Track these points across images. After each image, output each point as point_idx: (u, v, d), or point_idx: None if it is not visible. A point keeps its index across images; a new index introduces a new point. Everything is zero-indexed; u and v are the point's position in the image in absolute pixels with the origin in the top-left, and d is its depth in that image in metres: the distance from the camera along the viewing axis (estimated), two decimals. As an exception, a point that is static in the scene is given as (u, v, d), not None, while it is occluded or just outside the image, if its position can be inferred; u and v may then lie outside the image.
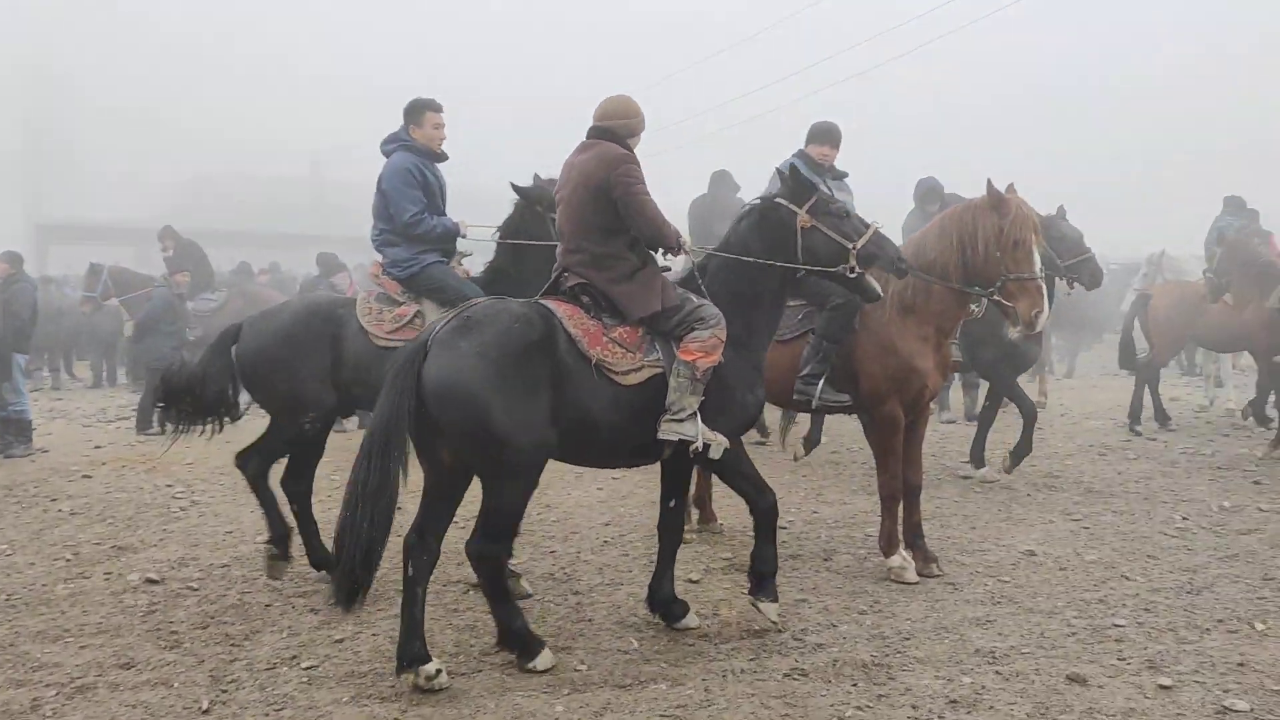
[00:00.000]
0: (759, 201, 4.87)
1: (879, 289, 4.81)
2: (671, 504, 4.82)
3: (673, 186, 7.74)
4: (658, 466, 6.83)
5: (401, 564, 4.19)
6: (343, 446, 6.39)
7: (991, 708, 3.81)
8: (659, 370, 4.32)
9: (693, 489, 6.41)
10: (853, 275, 4.64)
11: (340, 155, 44.41)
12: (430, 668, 3.98)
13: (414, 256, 5.56)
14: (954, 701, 3.86)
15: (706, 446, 4.30)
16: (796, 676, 4.11)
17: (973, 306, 5.74)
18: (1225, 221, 11.25)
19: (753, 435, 10.07)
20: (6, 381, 9.62)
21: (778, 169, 4.90)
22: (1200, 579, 5.37)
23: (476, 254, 6.03)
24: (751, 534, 6.30)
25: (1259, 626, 4.61)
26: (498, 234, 5.78)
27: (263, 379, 5.33)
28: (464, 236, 5.74)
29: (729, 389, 4.46)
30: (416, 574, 4.14)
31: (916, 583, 5.35)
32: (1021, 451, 7.66)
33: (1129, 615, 4.80)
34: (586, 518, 6.85)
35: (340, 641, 4.53)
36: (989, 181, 5.28)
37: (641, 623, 4.76)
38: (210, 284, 13.89)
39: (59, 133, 45.28)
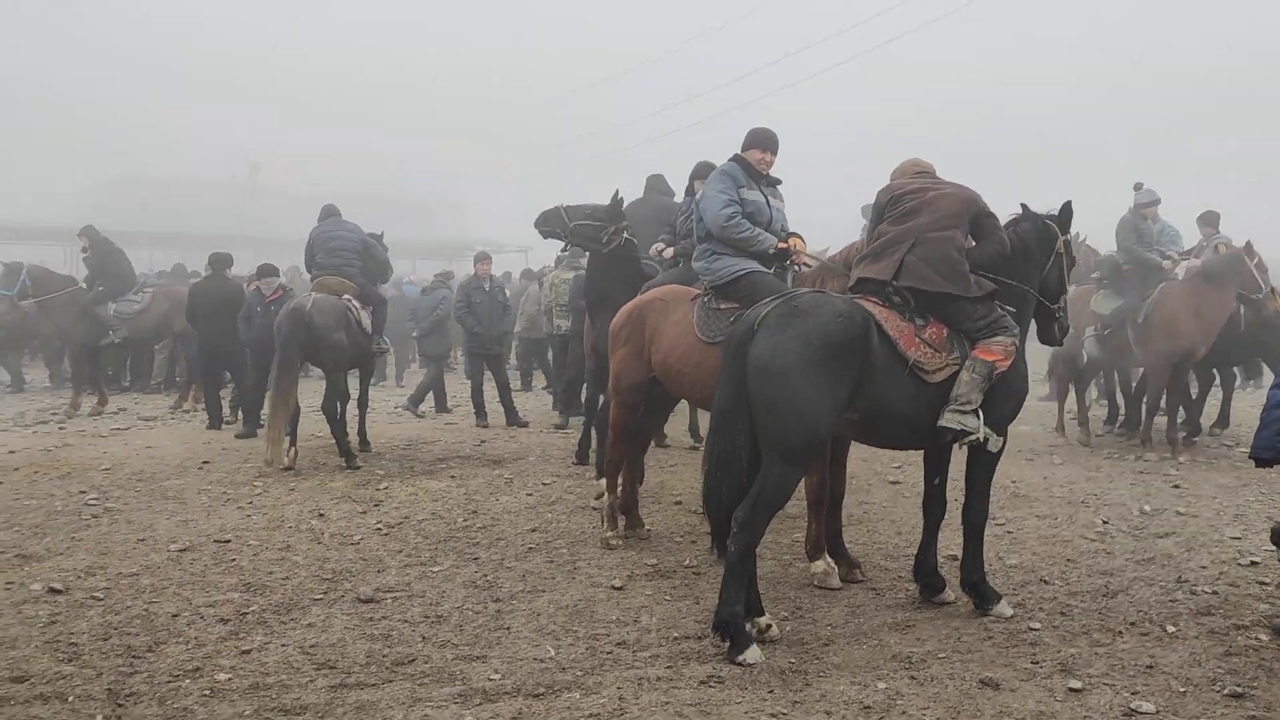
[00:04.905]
0: (1039, 213, 5.24)
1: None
2: (936, 482, 5.18)
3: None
4: (580, 471, 6.70)
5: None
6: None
7: (904, 713, 3.80)
8: (957, 367, 4.70)
9: (620, 495, 6.40)
10: (1058, 314, 5.24)
11: (278, 159, 44.01)
12: (763, 620, 4.59)
13: None
14: (867, 707, 3.85)
15: (985, 439, 4.72)
16: (713, 684, 4.06)
17: None
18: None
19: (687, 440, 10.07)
20: None
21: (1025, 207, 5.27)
22: (1116, 582, 5.45)
23: None
24: (676, 541, 6.35)
25: (1170, 629, 4.68)
26: None
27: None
28: None
29: (1008, 385, 4.83)
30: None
31: (839, 588, 5.35)
32: None
33: (1045, 619, 4.84)
34: (513, 524, 6.76)
35: (248, 653, 4.38)
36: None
37: (560, 630, 4.69)
38: (133, 285, 13.53)
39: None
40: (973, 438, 4.71)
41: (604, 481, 6.56)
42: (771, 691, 4.00)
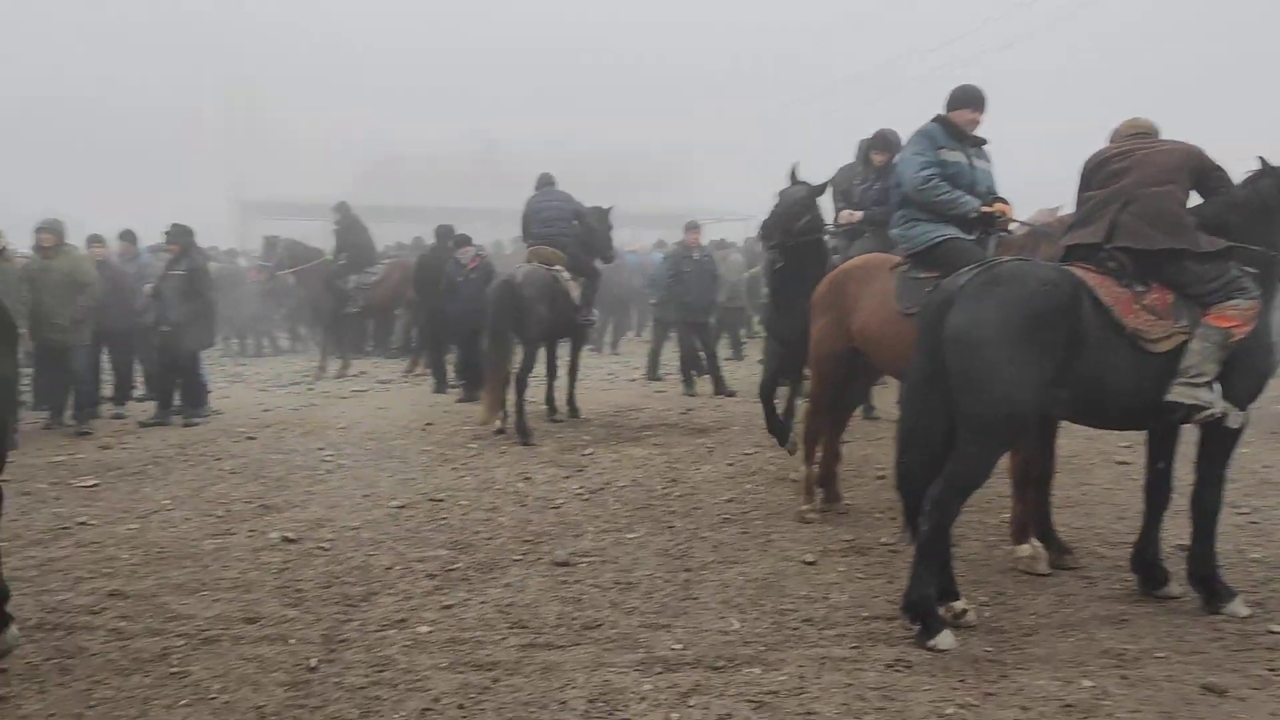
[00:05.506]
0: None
1: None
2: (1160, 465, 4.78)
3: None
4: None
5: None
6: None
7: (1110, 715, 3.53)
8: (1185, 337, 4.28)
9: (818, 466, 6.28)
10: None
11: (513, 132, 45.89)
12: (959, 605, 4.36)
13: None
14: (1069, 705, 3.60)
15: (1223, 415, 4.28)
16: (900, 668, 3.93)
17: None
18: None
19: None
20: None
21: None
22: (1382, 584, 4.83)
23: None
24: (875, 517, 6.17)
25: None
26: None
27: None
28: None
29: (1250, 357, 4.35)
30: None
31: (1048, 574, 5.03)
32: None
33: (1288, 621, 4.36)
34: (710, 493, 6.78)
35: (449, 608, 4.63)
36: None
37: (747, 603, 4.66)
38: (372, 259, 14.48)
39: (260, 116, 48.47)
40: (1208, 413, 4.26)
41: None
42: (963, 680, 3.81)
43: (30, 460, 8.04)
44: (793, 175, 7.46)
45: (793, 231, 7.03)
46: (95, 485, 7.18)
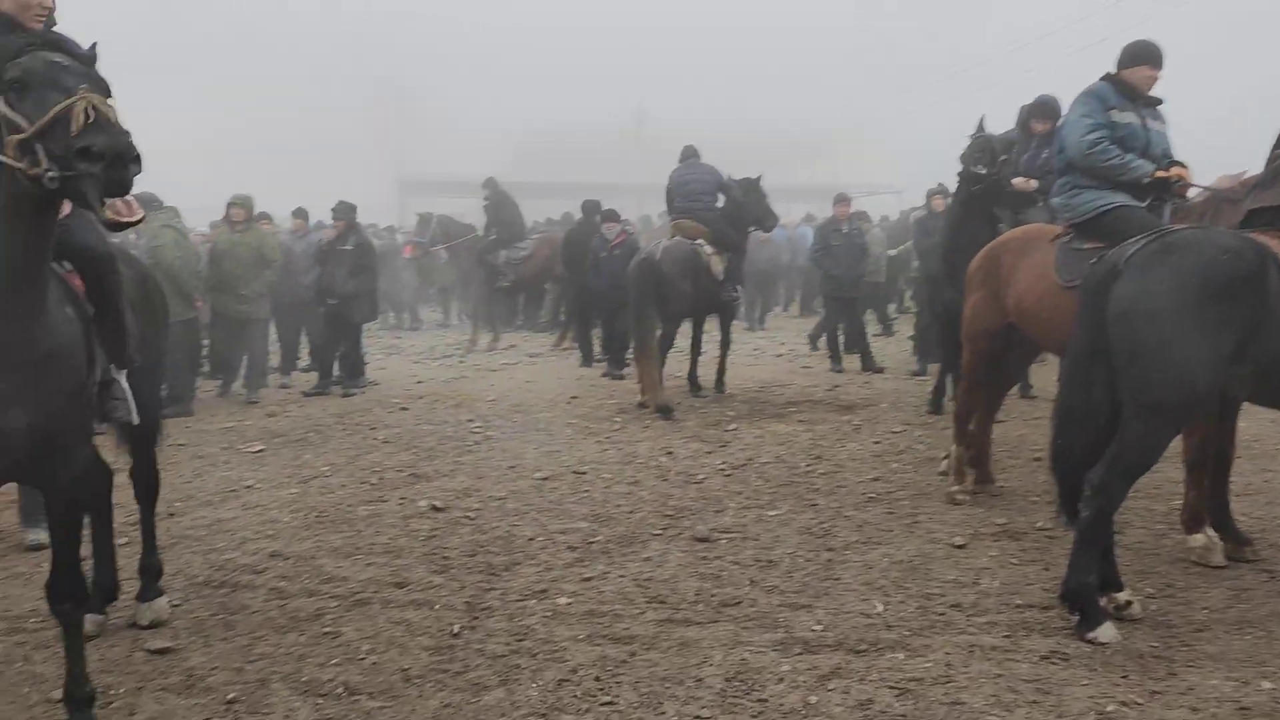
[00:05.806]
0: None
1: None
2: None
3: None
4: (933, 420, 6.28)
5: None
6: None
7: (1292, 722, 3.25)
8: None
9: (970, 447, 6.04)
10: None
11: (661, 104, 45.83)
12: (1122, 596, 4.12)
13: None
14: (1245, 709, 3.33)
15: None
16: (1055, 660, 3.72)
17: None
18: None
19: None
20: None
21: None
22: None
23: None
24: (1030, 500, 5.88)
25: None
26: None
27: None
28: None
29: None
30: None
31: (1224, 567, 4.67)
32: None
33: None
34: (856, 472, 6.61)
35: (589, 580, 4.66)
36: None
37: (891, 586, 4.51)
38: (521, 235, 14.72)
39: (418, 99, 50.07)
40: None
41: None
42: (1125, 677, 3.58)
43: (204, 426, 8.58)
44: (980, 125, 7.19)
45: (996, 161, 6.75)
46: (261, 451, 7.58)
